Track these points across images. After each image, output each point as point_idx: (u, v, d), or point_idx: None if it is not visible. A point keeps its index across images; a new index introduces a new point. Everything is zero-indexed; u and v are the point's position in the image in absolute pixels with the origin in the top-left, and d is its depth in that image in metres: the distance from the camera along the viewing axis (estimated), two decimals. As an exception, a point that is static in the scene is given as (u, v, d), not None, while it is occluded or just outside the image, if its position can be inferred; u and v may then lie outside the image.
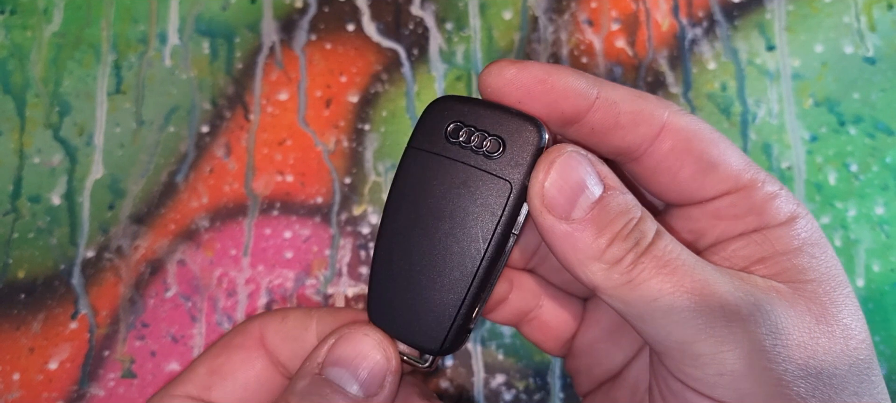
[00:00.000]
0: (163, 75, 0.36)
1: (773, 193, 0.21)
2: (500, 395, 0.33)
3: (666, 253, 0.19)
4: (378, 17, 0.37)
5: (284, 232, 0.34)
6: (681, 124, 0.21)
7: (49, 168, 0.35)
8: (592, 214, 0.19)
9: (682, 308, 0.18)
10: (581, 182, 0.19)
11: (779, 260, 0.20)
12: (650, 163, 0.21)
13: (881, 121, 0.35)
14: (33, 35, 0.37)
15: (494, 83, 0.20)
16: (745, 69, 0.35)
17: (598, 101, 0.20)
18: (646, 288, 0.18)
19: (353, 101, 0.36)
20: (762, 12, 0.36)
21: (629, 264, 0.18)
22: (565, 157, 0.19)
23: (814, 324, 0.19)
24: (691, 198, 0.22)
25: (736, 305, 0.18)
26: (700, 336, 0.18)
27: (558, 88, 0.20)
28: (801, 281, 0.20)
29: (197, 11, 0.37)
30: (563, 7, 0.37)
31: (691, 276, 0.18)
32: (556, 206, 0.19)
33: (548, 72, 0.20)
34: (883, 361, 0.32)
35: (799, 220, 0.21)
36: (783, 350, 0.18)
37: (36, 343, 0.33)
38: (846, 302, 0.20)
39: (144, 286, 0.33)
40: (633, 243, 0.19)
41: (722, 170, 0.21)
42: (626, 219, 0.19)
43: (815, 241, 0.21)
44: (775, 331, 0.18)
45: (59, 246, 0.34)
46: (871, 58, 0.35)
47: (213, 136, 0.35)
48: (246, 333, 0.24)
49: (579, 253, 0.19)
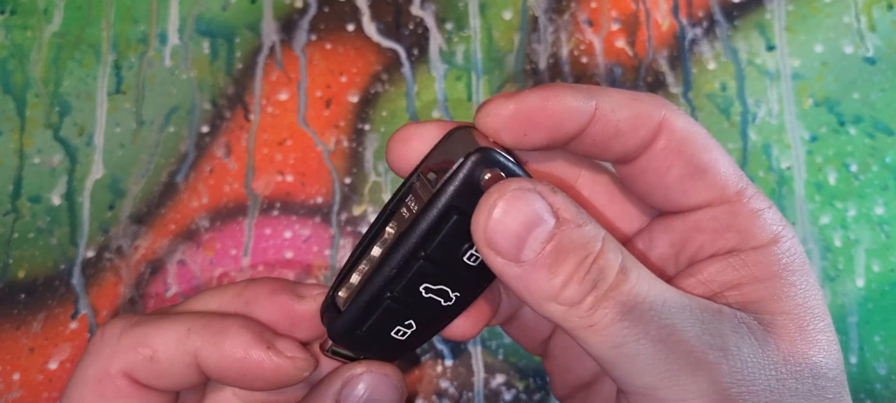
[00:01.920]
0: (163, 75, 0.36)
1: (758, 210, 0.21)
2: (500, 395, 0.33)
3: (630, 295, 0.18)
4: (378, 17, 0.37)
5: (284, 232, 0.34)
6: (677, 124, 0.20)
7: (49, 168, 0.35)
8: (544, 254, 0.17)
9: (646, 355, 0.17)
10: (530, 220, 0.17)
11: (755, 287, 0.20)
12: (643, 163, 0.21)
13: (881, 121, 0.35)
14: (33, 35, 0.37)
15: (494, 123, 0.19)
16: (745, 69, 0.35)
17: (597, 112, 0.20)
18: (608, 333, 0.17)
19: (353, 101, 0.36)
20: (762, 12, 0.36)
21: (589, 308, 0.17)
22: (509, 196, 0.17)
23: (782, 365, 0.18)
24: (676, 203, 0.21)
25: (702, 352, 0.18)
26: (664, 384, 0.18)
27: (559, 111, 0.19)
28: (774, 313, 0.19)
29: (197, 11, 0.37)
30: (563, 7, 0.37)
31: (657, 322, 0.18)
32: (503, 250, 0.18)
33: (545, 97, 0.19)
34: (883, 361, 0.32)
35: (780, 243, 0.20)
36: (749, 397, 0.18)
37: (36, 343, 0.33)
38: (819, 337, 0.20)
39: (145, 286, 0.33)
40: (592, 284, 0.17)
41: (710, 177, 0.20)
42: (583, 256, 0.18)
43: (795, 267, 0.20)
44: (740, 379, 0.18)
45: (60, 246, 0.34)
46: (871, 58, 0.35)
47: (214, 136, 0.35)
48: (105, 375, 0.23)
49: (534, 295, 0.18)
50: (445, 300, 0.20)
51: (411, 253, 0.19)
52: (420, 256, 0.19)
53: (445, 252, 0.19)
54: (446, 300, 0.20)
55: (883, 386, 0.32)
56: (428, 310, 0.21)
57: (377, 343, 0.21)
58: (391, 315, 0.20)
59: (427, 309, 0.21)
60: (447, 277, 0.20)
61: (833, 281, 0.33)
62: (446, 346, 0.33)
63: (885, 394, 0.32)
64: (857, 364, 0.32)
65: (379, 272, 0.20)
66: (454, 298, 0.21)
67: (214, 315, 0.23)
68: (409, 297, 0.20)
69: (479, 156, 0.18)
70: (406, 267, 0.19)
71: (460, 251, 0.19)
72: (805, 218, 0.34)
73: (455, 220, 0.19)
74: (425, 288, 0.20)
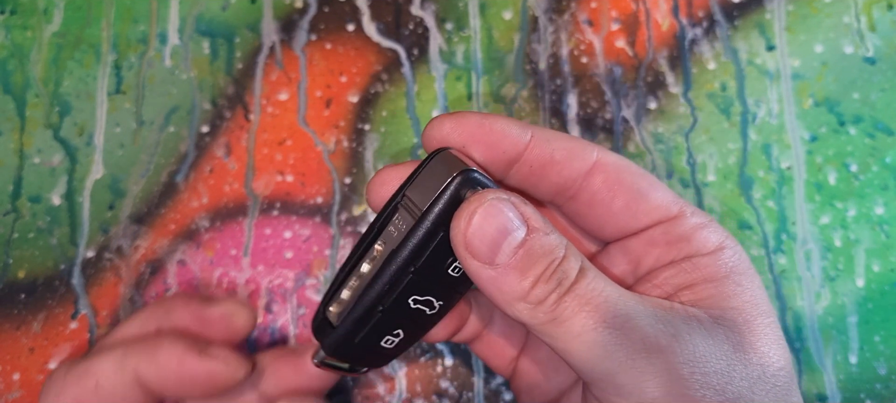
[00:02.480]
0: (163, 75, 0.36)
1: (701, 224, 0.23)
2: (500, 395, 0.33)
3: (588, 291, 0.19)
4: (378, 17, 0.37)
5: (284, 232, 0.34)
6: (610, 160, 0.23)
7: (49, 168, 0.35)
8: (516, 258, 0.19)
9: (604, 343, 0.19)
10: (503, 228, 0.19)
11: (704, 287, 0.21)
12: (586, 197, 0.23)
13: (881, 121, 0.35)
14: (33, 35, 0.37)
15: (436, 135, 0.22)
16: (745, 69, 0.35)
17: (534, 140, 0.22)
18: (570, 325, 0.19)
19: (353, 101, 0.36)
20: (762, 12, 0.36)
21: (553, 303, 0.19)
22: (487, 205, 0.19)
23: (731, 352, 0.20)
24: (626, 228, 0.23)
25: (655, 337, 0.19)
26: (622, 368, 0.19)
27: (496, 130, 0.22)
28: (723, 309, 0.21)
29: (197, 11, 0.37)
30: (563, 7, 0.37)
31: (613, 312, 0.19)
32: (480, 254, 0.19)
33: (484, 117, 0.22)
34: (883, 361, 0.32)
35: (726, 250, 0.22)
36: (700, 378, 0.19)
37: (36, 343, 0.33)
38: (766, 331, 0.21)
39: (145, 286, 0.33)
40: (556, 283, 0.19)
41: (651, 199, 0.23)
42: (549, 260, 0.19)
43: (741, 271, 0.22)
44: (692, 360, 0.19)
45: (60, 246, 0.34)
46: (871, 58, 0.35)
47: (214, 136, 0.35)
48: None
49: (506, 295, 0.20)
50: (430, 309, 0.22)
51: (402, 269, 0.20)
52: (410, 271, 0.21)
53: (433, 265, 0.21)
54: (431, 309, 0.22)
55: (883, 386, 0.32)
56: (415, 319, 0.22)
57: (368, 353, 0.23)
58: (382, 326, 0.22)
59: (414, 318, 0.22)
60: (433, 288, 0.21)
61: (833, 281, 0.33)
62: (446, 346, 0.33)
63: (886, 394, 0.32)
64: (857, 364, 0.32)
65: (371, 287, 0.21)
66: (438, 306, 0.22)
67: (148, 336, 0.26)
68: (398, 309, 0.21)
69: (463, 177, 0.20)
70: (397, 282, 0.21)
71: (445, 264, 0.21)
72: (805, 218, 0.34)
73: (442, 236, 0.20)
74: (413, 300, 0.21)
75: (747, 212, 0.34)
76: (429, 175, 0.21)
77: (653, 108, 0.35)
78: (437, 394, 0.33)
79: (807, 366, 0.32)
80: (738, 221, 0.34)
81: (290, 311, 0.33)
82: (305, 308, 0.33)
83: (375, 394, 0.33)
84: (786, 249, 0.34)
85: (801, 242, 0.34)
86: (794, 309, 0.33)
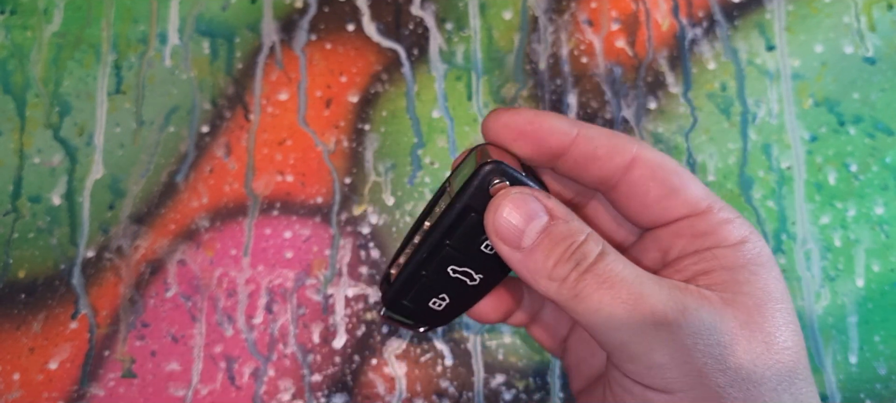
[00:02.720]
0: (163, 75, 0.36)
1: (728, 219, 0.24)
2: (500, 395, 0.33)
3: (606, 270, 0.22)
4: (378, 17, 0.37)
5: (285, 232, 0.34)
6: (648, 156, 0.25)
7: (49, 168, 0.35)
8: (539, 240, 0.22)
9: (619, 316, 0.22)
10: (528, 215, 0.22)
11: (721, 273, 0.23)
12: (625, 189, 0.25)
13: (881, 121, 0.35)
14: (33, 35, 0.37)
15: (493, 126, 0.25)
16: (745, 69, 0.35)
17: (578, 138, 0.25)
18: (589, 300, 0.22)
19: (353, 101, 0.36)
20: (762, 12, 0.36)
21: (574, 281, 0.22)
22: (511, 197, 0.23)
23: (737, 328, 0.22)
24: (658, 219, 0.25)
25: (664, 312, 0.22)
26: (634, 339, 0.21)
27: (545, 127, 0.25)
28: (735, 293, 0.23)
29: (197, 12, 0.37)
30: (563, 7, 0.37)
31: (628, 289, 0.22)
32: (509, 239, 0.23)
33: (536, 115, 0.25)
34: (883, 360, 0.32)
35: (748, 243, 0.24)
36: (704, 348, 0.21)
37: (36, 343, 0.33)
38: (776, 315, 0.23)
39: (145, 286, 0.34)
40: (575, 263, 0.22)
41: (682, 195, 0.25)
42: (569, 243, 0.22)
43: (761, 262, 0.24)
44: (696, 333, 0.21)
45: (60, 246, 0.34)
46: (871, 58, 0.35)
47: (214, 136, 0.35)
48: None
49: (533, 273, 0.23)
50: (470, 280, 0.26)
51: (438, 242, 0.24)
52: (445, 244, 0.24)
53: (466, 241, 0.24)
54: (471, 280, 0.26)
55: (883, 386, 0.32)
56: (457, 287, 0.26)
57: (420, 311, 0.27)
58: (428, 288, 0.26)
59: (456, 286, 0.26)
60: (470, 262, 0.25)
61: (833, 280, 0.33)
62: (447, 346, 0.33)
63: (885, 394, 0.32)
64: (857, 363, 0.32)
65: (416, 255, 0.25)
66: (478, 279, 0.26)
67: None
68: (439, 275, 0.25)
69: (490, 168, 0.23)
70: (435, 252, 0.24)
71: (478, 241, 0.24)
72: (805, 217, 0.34)
73: (472, 217, 0.24)
74: (452, 269, 0.25)
75: (747, 212, 0.34)
76: (466, 164, 0.25)
77: (653, 108, 0.35)
78: (437, 394, 0.33)
79: (807, 366, 0.32)
80: (738, 221, 0.34)
81: (290, 311, 0.33)
82: (306, 308, 0.33)
83: (376, 394, 0.33)
84: (786, 249, 0.34)
85: (800, 242, 0.34)
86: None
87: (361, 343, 0.33)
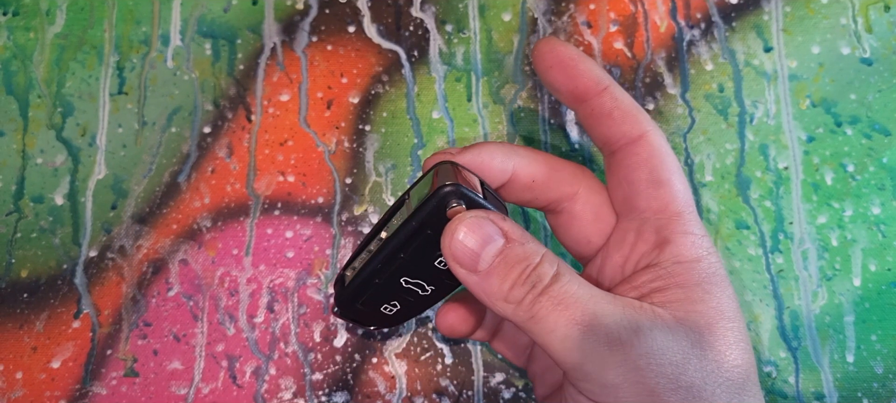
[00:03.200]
0: (165, 76, 0.36)
1: (691, 234, 0.25)
2: (500, 394, 0.33)
3: (560, 292, 0.22)
4: (378, 18, 0.37)
5: (286, 232, 0.34)
6: (654, 141, 0.26)
7: (52, 168, 0.35)
8: (495, 264, 0.23)
9: (573, 337, 0.22)
10: (483, 239, 0.23)
11: (675, 291, 0.24)
12: (622, 159, 0.26)
13: (877, 122, 0.35)
14: (36, 36, 0.37)
15: (542, 48, 0.26)
16: (743, 70, 0.36)
17: (605, 92, 0.26)
18: (545, 322, 0.22)
19: (353, 102, 0.36)
20: (759, 14, 0.36)
21: (529, 303, 0.22)
22: (467, 221, 0.23)
23: (688, 348, 0.22)
24: (634, 200, 0.26)
25: (617, 333, 0.22)
26: (588, 359, 0.22)
27: (581, 68, 0.26)
28: (687, 311, 0.23)
29: (199, 13, 0.37)
30: (561, 9, 0.37)
31: (582, 310, 0.22)
32: (465, 263, 0.23)
33: (580, 55, 0.26)
34: (880, 360, 0.33)
35: (702, 262, 0.24)
36: (656, 368, 0.22)
37: (39, 342, 0.33)
38: (727, 334, 0.23)
39: (147, 285, 0.34)
40: (531, 286, 0.22)
41: (663, 191, 0.26)
42: (524, 265, 0.23)
43: (715, 281, 0.24)
44: (649, 353, 0.22)
45: (62, 246, 0.34)
46: (868, 59, 0.36)
47: (216, 137, 0.35)
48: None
49: (490, 296, 0.23)
50: (422, 290, 0.26)
51: (393, 254, 0.25)
52: (400, 257, 0.25)
53: (420, 257, 0.25)
54: (423, 291, 0.26)
55: (880, 385, 0.32)
56: (409, 296, 0.26)
57: (371, 314, 0.27)
58: (380, 295, 0.26)
59: (408, 295, 0.26)
60: (423, 275, 0.25)
61: (830, 280, 0.33)
62: (446, 345, 0.33)
63: (883, 393, 0.32)
64: (854, 363, 0.33)
65: (371, 263, 0.25)
66: (430, 290, 0.26)
67: None
68: (392, 284, 0.26)
69: (448, 190, 0.23)
70: (389, 263, 0.25)
71: (432, 257, 0.24)
72: (802, 218, 0.34)
73: (428, 235, 0.24)
74: (405, 280, 0.26)
75: (745, 212, 0.34)
76: (428, 181, 0.24)
77: (651, 109, 0.35)
78: (437, 392, 0.33)
79: (804, 365, 0.33)
80: (735, 221, 0.34)
81: (291, 310, 0.33)
82: (307, 307, 0.34)
83: (376, 392, 0.33)
84: (783, 249, 0.34)
85: (798, 242, 0.34)
86: (791, 309, 0.33)
87: (362, 341, 0.33)
